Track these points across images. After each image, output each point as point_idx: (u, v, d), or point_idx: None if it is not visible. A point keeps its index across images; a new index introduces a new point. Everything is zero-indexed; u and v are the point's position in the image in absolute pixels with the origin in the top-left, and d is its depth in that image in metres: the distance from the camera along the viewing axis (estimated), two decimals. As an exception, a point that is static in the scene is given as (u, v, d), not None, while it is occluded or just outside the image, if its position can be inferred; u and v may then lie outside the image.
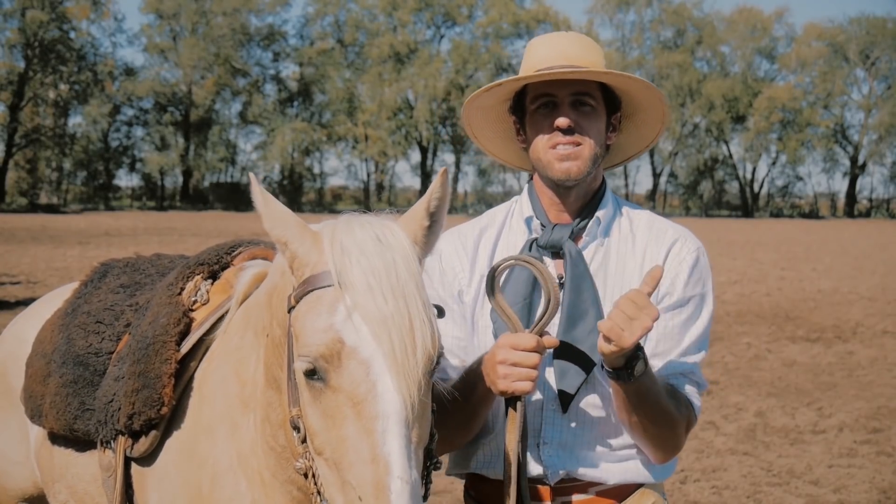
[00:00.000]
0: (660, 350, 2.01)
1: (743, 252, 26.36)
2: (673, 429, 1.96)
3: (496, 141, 2.24)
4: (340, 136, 64.94)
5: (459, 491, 5.32)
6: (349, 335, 1.52)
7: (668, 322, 2.01)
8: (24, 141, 56.33)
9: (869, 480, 5.70)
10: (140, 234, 28.58)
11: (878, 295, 15.83)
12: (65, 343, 2.44)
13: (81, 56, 58.62)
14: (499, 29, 66.37)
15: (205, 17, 61.98)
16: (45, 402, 2.40)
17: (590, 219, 2.04)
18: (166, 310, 2.19)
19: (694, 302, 2.03)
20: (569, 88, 1.98)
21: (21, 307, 11.08)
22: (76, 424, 2.31)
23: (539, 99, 2.01)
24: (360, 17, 66.68)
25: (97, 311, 2.47)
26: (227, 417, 1.94)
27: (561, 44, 2.03)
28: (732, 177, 71.50)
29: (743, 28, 68.23)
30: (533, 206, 2.08)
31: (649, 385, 1.88)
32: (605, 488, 1.99)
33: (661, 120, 2.13)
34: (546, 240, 2.01)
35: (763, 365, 9.42)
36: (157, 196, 62.28)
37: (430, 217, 1.73)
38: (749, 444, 6.48)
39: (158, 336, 2.14)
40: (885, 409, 7.50)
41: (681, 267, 2.03)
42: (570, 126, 1.96)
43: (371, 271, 1.54)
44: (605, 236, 2.05)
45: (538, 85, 2.00)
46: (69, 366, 2.38)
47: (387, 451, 1.45)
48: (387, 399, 1.48)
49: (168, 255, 2.76)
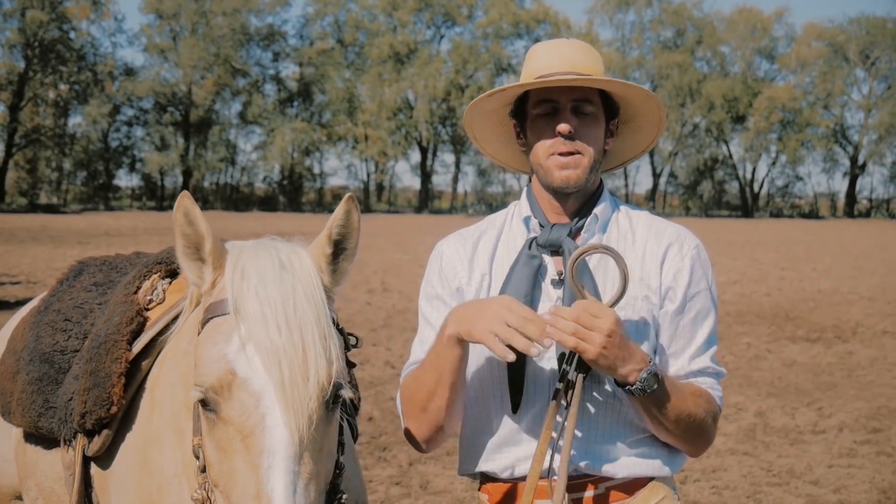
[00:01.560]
0: (674, 349, 2.02)
1: (743, 252, 26.36)
2: (701, 427, 1.98)
3: (496, 143, 2.26)
4: (340, 136, 64.94)
5: (460, 491, 5.34)
6: (241, 366, 1.50)
7: (678, 321, 2.02)
8: (24, 141, 56.32)
9: (869, 480, 5.70)
10: (140, 234, 28.59)
11: (878, 295, 15.84)
12: (33, 340, 2.44)
13: (81, 56, 58.61)
14: (499, 29, 66.35)
15: (205, 17, 61.96)
16: (13, 400, 2.39)
17: (587, 217, 2.06)
18: (121, 308, 2.19)
19: (700, 297, 2.05)
20: (570, 95, 2.00)
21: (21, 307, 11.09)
22: (40, 422, 2.30)
23: (541, 105, 2.03)
24: (360, 17, 66.67)
25: (67, 308, 2.47)
26: (174, 424, 1.91)
27: (562, 50, 2.06)
28: (732, 177, 71.52)
29: (743, 28, 68.22)
30: (531, 206, 2.10)
31: (669, 393, 1.89)
32: (615, 483, 1.99)
33: (658, 125, 2.15)
34: (545, 238, 2.03)
35: (763, 365, 9.42)
36: (157, 196, 62.26)
37: (334, 245, 1.69)
38: (749, 444, 6.48)
39: (111, 335, 2.12)
40: (885, 409, 7.50)
41: (683, 263, 2.05)
42: (570, 132, 1.98)
43: (267, 300, 1.51)
44: (602, 233, 2.07)
45: (540, 90, 2.02)
46: (35, 363, 2.37)
47: (270, 488, 1.42)
48: (275, 433, 1.45)
49: (147, 254, 2.76)
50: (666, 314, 2.02)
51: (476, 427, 2.08)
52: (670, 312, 2.02)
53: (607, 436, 1.99)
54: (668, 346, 2.02)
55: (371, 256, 21.22)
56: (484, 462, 2.06)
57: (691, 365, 2.03)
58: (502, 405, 2.02)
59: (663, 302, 2.02)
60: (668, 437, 1.98)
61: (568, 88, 2.00)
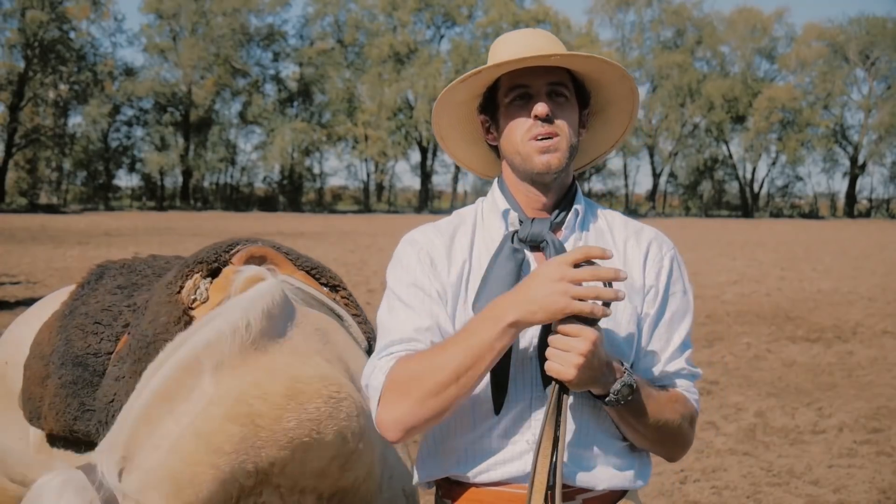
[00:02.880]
0: (650, 350, 1.98)
1: (743, 252, 26.35)
2: (678, 432, 1.94)
3: (462, 144, 2.19)
4: (340, 136, 64.95)
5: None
6: None
7: (656, 321, 1.98)
8: (24, 141, 56.32)
9: (869, 480, 5.70)
10: (140, 234, 28.58)
11: (878, 295, 15.84)
12: (63, 344, 2.43)
13: (81, 56, 58.62)
14: (499, 29, 66.31)
15: (205, 17, 61.97)
16: (44, 404, 2.39)
17: (568, 211, 2.00)
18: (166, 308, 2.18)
19: (677, 298, 2.01)
20: (544, 78, 1.95)
21: (21, 307, 11.12)
22: (76, 425, 2.29)
23: (513, 91, 1.96)
24: (360, 18, 66.70)
25: (95, 312, 2.47)
26: None
27: (528, 38, 1.99)
28: (732, 177, 71.55)
29: (743, 28, 68.24)
30: (507, 200, 2.03)
31: (645, 402, 1.84)
32: (592, 495, 1.93)
33: (630, 115, 2.10)
34: (526, 233, 1.96)
35: (763, 365, 9.41)
36: (156, 196, 62.27)
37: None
38: (749, 444, 6.48)
39: (159, 334, 2.13)
40: (885, 409, 7.50)
41: (662, 263, 2.01)
42: (548, 114, 1.92)
43: None
44: (582, 230, 2.02)
45: (512, 76, 1.96)
46: (68, 367, 2.37)
47: None
48: None
49: (164, 257, 2.76)
50: (646, 316, 1.97)
51: (450, 429, 1.96)
52: (651, 314, 1.97)
53: (592, 444, 1.93)
54: (644, 347, 1.97)
55: (371, 256, 21.21)
56: (456, 466, 1.95)
57: (668, 367, 1.98)
58: (482, 406, 1.93)
59: (643, 302, 1.97)
60: (645, 444, 1.93)
61: (543, 72, 1.94)
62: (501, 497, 1.92)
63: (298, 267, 2.47)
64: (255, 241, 2.38)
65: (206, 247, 2.36)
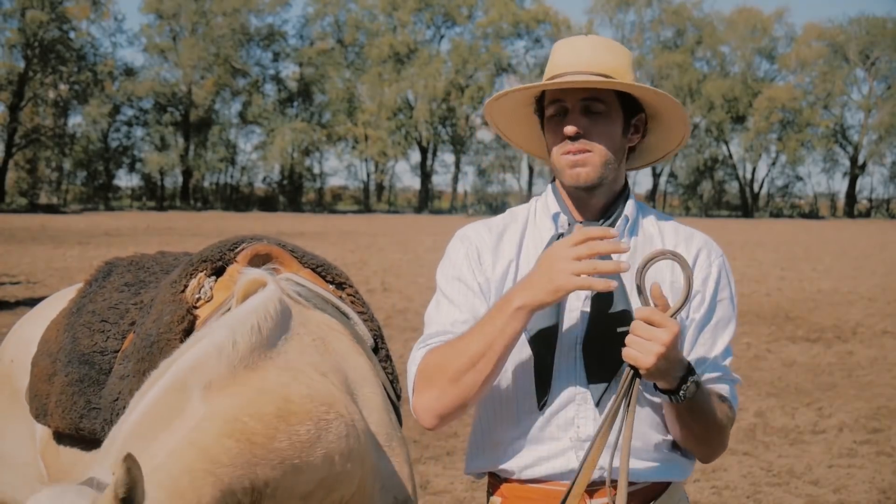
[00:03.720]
0: (696, 356, 2.01)
1: (743, 252, 26.35)
2: (723, 433, 1.99)
3: (523, 131, 2.22)
4: (340, 136, 64.95)
5: (459, 491, 5.33)
6: None
7: (702, 327, 2.02)
8: (24, 141, 56.31)
9: (869, 480, 5.71)
10: (140, 234, 28.58)
11: (878, 295, 15.84)
12: (70, 342, 2.43)
13: (81, 56, 58.61)
14: (499, 29, 66.37)
15: (205, 17, 61.97)
16: (51, 401, 2.39)
17: (618, 217, 2.03)
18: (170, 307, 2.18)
19: (723, 305, 2.04)
20: (578, 95, 1.98)
21: (21, 307, 11.12)
22: (82, 423, 2.30)
23: (553, 104, 2.02)
24: (360, 18, 66.69)
25: (102, 309, 2.47)
26: None
27: (579, 48, 2.03)
28: (732, 177, 71.55)
29: (743, 28, 68.23)
30: (559, 203, 2.07)
31: (702, 401, 1.88)
32: (635, 489, 1.96)
33: (683, 122, 2.12)
34: None
35: (763, 365, 9.42)
36: (156, 196, 62.27)
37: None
38: (749, 444, 6.48)
39: (162, 334, 2.13)
40: (885, 409, 7.50)
41: (711, 270, 2.04)
42: (576, 133, 1.96)
43: None
44: (632, 235, 2.05)
45: (551, 91, 2.01)
46: (74, 364, 2.37)
47: None
48: None
49: (172, 253, 2.75)
50: (692, 321, 2.01)
51: (495, 422, 2.03)
52: (696, 319, 2.01)
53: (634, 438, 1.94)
54: (689, 351, 2.01)
55: (371, 256, 21.22)
56: (501, 459, 2.01)
57: (712, 372, 2.02)
58: (526, 401, 1.98)
59: (690, 308, 2.00)
60: (690, 442, 1.97)
61: (576, 89, 1.98)
62: (547, 495, 1.96)
63: (304, 265, 2.47)
64: (261, 238, 2.37)
65: (211, 245, 2.35)
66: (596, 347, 1.93)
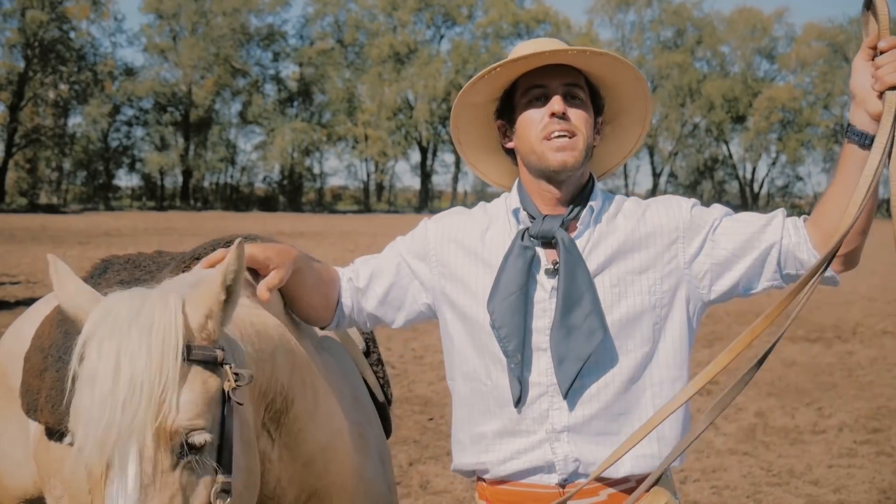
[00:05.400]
0: (739, 252, 2.10)
1: (743, 252, 26.35)
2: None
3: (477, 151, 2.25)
4: (340, 136, 64.95)
5: (459, 491, 5.33)
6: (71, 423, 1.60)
7: (711, 237, 2.06)
8: (24, 141, 56.30)
9: (869, 480, 5.70)
10: (140, 234, 28.58)
11: (878, 295, 15.84)
12: (62, 337, 2.43)
13: (81, 56, 58.60)
14: (499, 29, 66.38)
15: (205, 17, 61.97)
16: (41, 397, 2.39)
17: (582, 208, 2.04)
18: None
19: (712, 212, 2.09)
20: (561, 79, 2.00)
21: (21, 307, 11.11)
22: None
23: (530, 91, 2.02)
24: (360, 17, 66.69)
25: None
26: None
27: (542, 45, 2.05)
28: (732, 177, 71.57)
29: (743, 28, 68.23)
30: (521, 199, 2.08)
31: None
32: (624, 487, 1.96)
33: (643, 122, 2.15)
34: (537, 229, 2.01)
35: (763, 365, 9.39)
36: (156, 196, 62.26)
37: (227, 290, 1.67)
38: (749, 444, 6.48)
39: None
40: (885, 409, 7.50)
41: (682, 203, 2.09)
42: (564, 112, 1.97)
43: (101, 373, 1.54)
44: (596, 224, 2.06)
45: (529, 77, 2.02)
46: (66, 360, 2.37)
47: None
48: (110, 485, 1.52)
49: (170, 253, 2.76)
50: (712, 257, 2.09)
51: (473, 417, 2.05)
52: (714, 253, 2.08)
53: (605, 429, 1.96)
54: (743, 270, 2.16)
55: (371, 256, 21.17)
56: (481, 454, 2.02)
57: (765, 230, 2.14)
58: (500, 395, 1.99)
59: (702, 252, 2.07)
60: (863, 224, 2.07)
61: (559, 73, 2.00)
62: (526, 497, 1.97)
63: None
64: (254, 237, 2.37)
65: (205, 243, 2.36)
66: (563, 338, 1.92)
